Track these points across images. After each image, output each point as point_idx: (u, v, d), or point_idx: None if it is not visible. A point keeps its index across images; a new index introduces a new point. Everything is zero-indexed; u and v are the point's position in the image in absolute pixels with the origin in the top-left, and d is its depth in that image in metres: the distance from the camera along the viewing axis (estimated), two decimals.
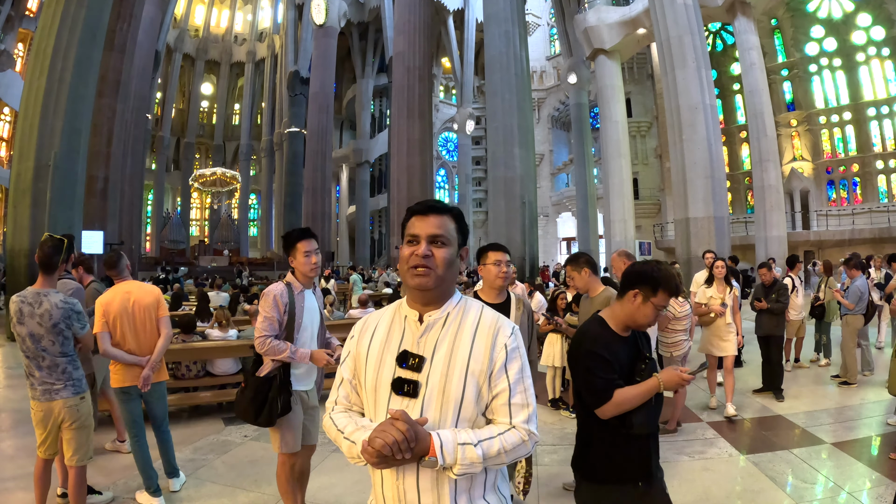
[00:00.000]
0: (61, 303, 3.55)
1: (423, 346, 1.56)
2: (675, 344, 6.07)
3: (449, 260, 1.59)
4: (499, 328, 1.58)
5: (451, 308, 1.62)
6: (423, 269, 1.55)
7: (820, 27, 28.25)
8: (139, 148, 29.76)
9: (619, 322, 2.37)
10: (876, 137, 27.06)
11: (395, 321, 1.65)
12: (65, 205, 13.24)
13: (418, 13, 25.60)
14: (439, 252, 1.57)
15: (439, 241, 1.58)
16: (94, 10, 14.07)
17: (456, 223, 1.65)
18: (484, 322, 1.59)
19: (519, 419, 1.51)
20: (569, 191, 38.28)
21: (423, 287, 1.56)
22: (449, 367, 1.52)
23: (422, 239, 1.57)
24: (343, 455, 1.54)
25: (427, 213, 1.61)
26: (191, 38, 49.98)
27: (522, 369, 1.57)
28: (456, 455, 1.41)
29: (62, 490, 4.12)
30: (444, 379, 1.51)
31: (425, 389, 1.51)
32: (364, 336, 1.68)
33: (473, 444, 1.43)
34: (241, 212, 52.14)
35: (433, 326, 1.58)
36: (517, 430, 1.50)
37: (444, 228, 1.60)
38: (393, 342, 1.60)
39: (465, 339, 1.55)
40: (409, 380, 1.52)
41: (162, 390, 4.40)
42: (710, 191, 15.87)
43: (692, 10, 16.73)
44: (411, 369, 1.54)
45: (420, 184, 24.29)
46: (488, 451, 1.44)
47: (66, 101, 13.37)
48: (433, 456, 1.39)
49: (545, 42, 42.63)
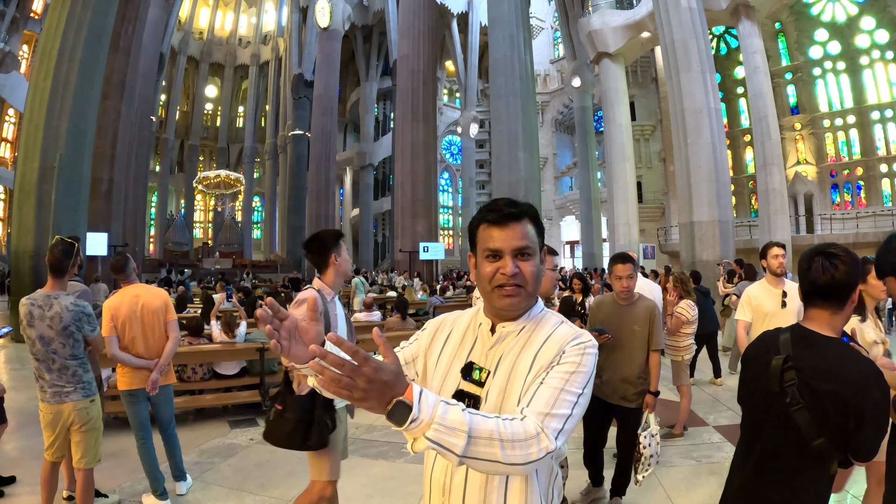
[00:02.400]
0: (72, 305, 3.56)
1: (490, 359, 1.43)
2: (686, 348, 6.08)
3: (537, 273, 1.43)
4: (568, 340, 1.38)
5: (528, 321, 1.46)
6: (512, 288, 1.39)
7: (824, 30, 28.20)
8: (143, 150, 29.83)
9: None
10: (880, 141, 26.97)
11: (471, 328, 1.52)
12: (69, 206, 13.27)
13: (422, 16, 25.61)
14: (527, 266, 1.40)
15: (525, 252, 1.41)
16: (99, 12, 14.10)
17: (534, 225, 1.46)
18: (556, 336, 1.41)
19: (534, 410, 1.24)
20: (572, 194, 38.24)
21: (514, 308, 1.42)
22: (507, 384, 1.38)
23: (506, 254, 1.40)
24: (350, 457, 1.49)
25: (506, 223, 1.41)
26: (195, 40, 50.07)
27: (572, 375, 1.31)
28: (436, 410, 1.08)
29: (68, 493, 4.12)
30: (501, 396, 1.37)
31: (484, 405, 1.38)
32: (439, 337, 1.56)
33: (461, 408, 1.13)
34: (244, 214, 52.14)
35: (504, 339, 1.44)
36: (527, 421, 1.20)
37: (528, 237, 1.42)
38: (464, 350, 1.48)
39: (528, 355, 1.39)
40: (470, 394, 1.40)
41: (169, 393, 4.40)
42: (714, 194, 15.84)
43: (696, 14, 16.72)
44: (474, 383, 1.41)
45: (424, 187, 24.26)
46: (478, 425, 1.11)
47: (71, 103, 13.40)
48: (409, 399, 1.06)
49: (549, 45, 42.63)
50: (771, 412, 1.89)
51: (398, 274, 21.80)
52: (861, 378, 1.75)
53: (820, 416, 1.75)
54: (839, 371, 1.78)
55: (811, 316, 1.93)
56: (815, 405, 1.76)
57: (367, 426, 6.09)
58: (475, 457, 1.12)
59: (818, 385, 1.77)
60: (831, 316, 1.89)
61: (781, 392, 1.83)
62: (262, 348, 6.77)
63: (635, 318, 3.95)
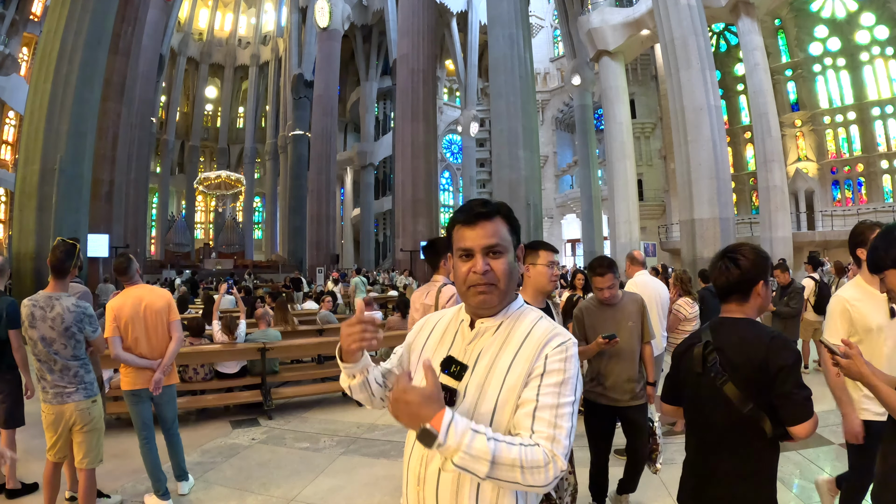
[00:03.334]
0: (73, 306, 3.57)
1: (469, 354, 1.45)
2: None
3: (509, 270, 1.45)
4: (548, 340, 1.41)
5: (506, 316, 1.49)
6: (484, 286, 1.42)
7: (824, 27, 28.18)
8: (144, 151, 29.90)
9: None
10: (880, 137, 26.93)
11: (452, 324, 1.56)
12: (70, 208, 13.29)
13: (422, 16, 25.60)
14: (498, 263, 1.43)
15: (495, 250, 1.43)
16: (98, 14, 14.13)
17: (507, 223, 1.49)
18: (535, 333, 1.44)
19: (541, 436, 1.29)
20: (573, 192, 38.21)
21: (486, 305, 1.45)
22: (486, 379, 1.40)
23: (476, 253, 1.43)
24: (352, 456, 1.51)
25: (475, 222, 1.44)
26: (195, 41, 50.12)
27: (562, 386, 1.35)
28: (463, 439, 1.20)
29: (70, 493, 4.13)
30: (478, 391, 1.40)
31: (462, 400, 1.40)
32: (422, 333, 1.62)
33: (487, 436, 1.22)
34: (245, 215, 52.22)
35: (483, 334, 1.47)
36: (542, 448, 1.27)
37: (498, 235, 1.44)
38: (444, 345, 1.51)
39: (509, 351, 1.42)
40: (447, 387, 1.41)
41: (172, 393, 4.41)
42: (715, 192, 15.84)
43: (696, 11, 16.72)
44: (452, 377, 1.43)
45: (424, 186, 24.27)
46: (501, 453, 1.21)
47: (71, 105, 13.44)
48: (435, 428, 1.20)
49: (549, 44, 42.57)
50: (703, 394, 2.12)
51: (399, 273, 21.80)
52: (769, 342, 2.01)
53: (743, 384, 1.99)
54: (748, 341, 2.05)
55: (725, 309, 2.20)
56: (736, 376, 2.01)
57: (368, 425, 6.10)
58: (498, 478, 1.23)
59: (734, 357, 2.04)
60: (738, 306, 2.15)
61: (706, 372, 2.08)
62: (262, 348, 6.78)
63: (628, 315, 3.88)
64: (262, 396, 6.75)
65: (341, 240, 44.19)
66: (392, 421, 1.44)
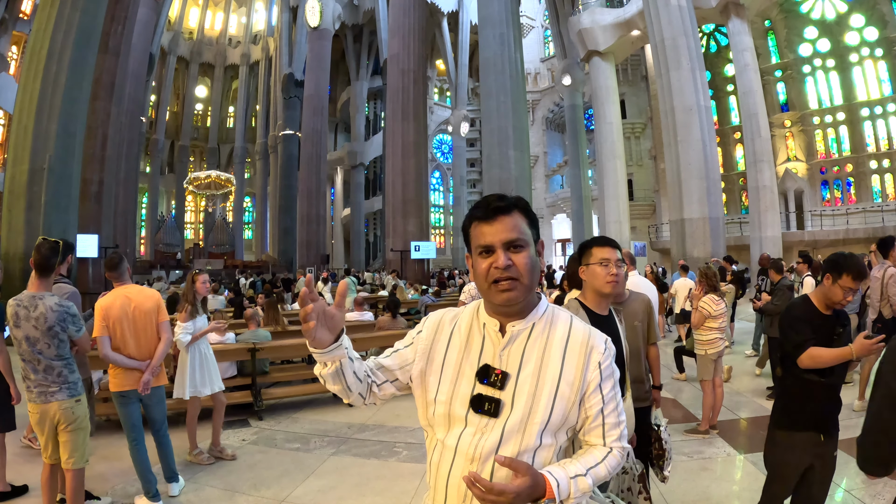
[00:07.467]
0: (56, 306, 3.56)
1: (505, 361, 1.41)
2: (711, 342, 5.92)
3: (532, 264, 1.41)
4: (592, 346, 1.43)
5: (536, 318, 1.45)
6: (507, 282, 1.38)
7: (813, 28, 28.40)
8: (133, 151, 29.72)
9: (819, 300, 2.94)
10: (870, 137, 27.20)
11: (475, 328, 1.49)
12: (59, 208, 13.22)
13: (412, 15, 25.59)
14: (520, 258, 1.39)
15: (516, 244, 1.39)
16: (88, 12, 14.05)
17: (526, 217, 1.45)
18: (575, 337, 1.44)
19: (612, 438, 1.43)
20: (563, 192, 38.35)
21: (512, 302, 1.40)
22: (537, 388, 1.38)
23: (497, 248, 1.39)
24: (343, 457, 1.49)
25: (494, 217, 1.41)
26: (185, 40, 49.86)
27: (614, 387, 1.45)
28: (570, 489, 1.32)
29: (60, 496, 4.10)
30: (531, 400, 1.37)
31: (510, 410, 1.37)
32: (440, 338, 1.52)
33: (584, 474, 1.35)
34: (235, 215, 52.01)
35: (516, 339, 1.43)
36: (616, 452, 1.43)
37: (518, 229, 1.41)
38: (473, 353, 1.45)
39: (554, 357, 1.41)
40: (490, 397, 1.38)
41: (161, 394, 4.39)
42: (704, 191, 15.94)
43: (686, 12, 16.81)
44: (493, 386, 1.39)
45: (415, 186, 24.26)
46: (597, 477, 1.38)
47: (60, 104, 13.36)
48: (550, 498, 1.29)
49: (539, 44, 42.71)
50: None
51: (387, 273, 21.77)
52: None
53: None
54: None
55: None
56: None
57: (358, 426, 6.09)
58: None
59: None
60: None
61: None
62: (253, 349, 6.75)
63: (634, 315, 3.60)
64: (253, 397, 6.72)
65: (331, 240, 44.15)
66: (383, 421, 1.43)
